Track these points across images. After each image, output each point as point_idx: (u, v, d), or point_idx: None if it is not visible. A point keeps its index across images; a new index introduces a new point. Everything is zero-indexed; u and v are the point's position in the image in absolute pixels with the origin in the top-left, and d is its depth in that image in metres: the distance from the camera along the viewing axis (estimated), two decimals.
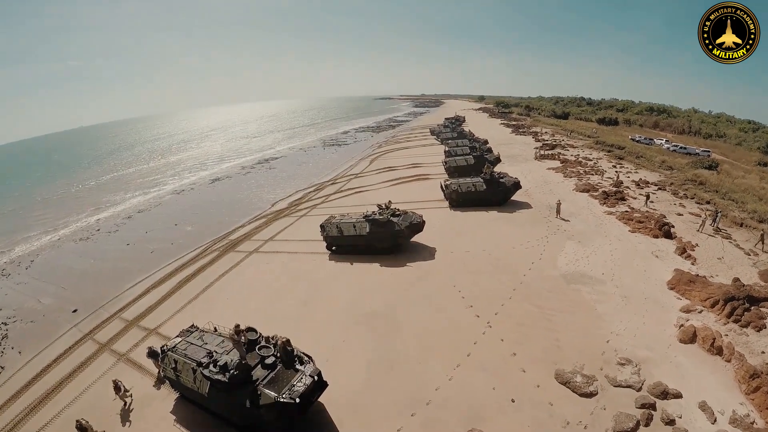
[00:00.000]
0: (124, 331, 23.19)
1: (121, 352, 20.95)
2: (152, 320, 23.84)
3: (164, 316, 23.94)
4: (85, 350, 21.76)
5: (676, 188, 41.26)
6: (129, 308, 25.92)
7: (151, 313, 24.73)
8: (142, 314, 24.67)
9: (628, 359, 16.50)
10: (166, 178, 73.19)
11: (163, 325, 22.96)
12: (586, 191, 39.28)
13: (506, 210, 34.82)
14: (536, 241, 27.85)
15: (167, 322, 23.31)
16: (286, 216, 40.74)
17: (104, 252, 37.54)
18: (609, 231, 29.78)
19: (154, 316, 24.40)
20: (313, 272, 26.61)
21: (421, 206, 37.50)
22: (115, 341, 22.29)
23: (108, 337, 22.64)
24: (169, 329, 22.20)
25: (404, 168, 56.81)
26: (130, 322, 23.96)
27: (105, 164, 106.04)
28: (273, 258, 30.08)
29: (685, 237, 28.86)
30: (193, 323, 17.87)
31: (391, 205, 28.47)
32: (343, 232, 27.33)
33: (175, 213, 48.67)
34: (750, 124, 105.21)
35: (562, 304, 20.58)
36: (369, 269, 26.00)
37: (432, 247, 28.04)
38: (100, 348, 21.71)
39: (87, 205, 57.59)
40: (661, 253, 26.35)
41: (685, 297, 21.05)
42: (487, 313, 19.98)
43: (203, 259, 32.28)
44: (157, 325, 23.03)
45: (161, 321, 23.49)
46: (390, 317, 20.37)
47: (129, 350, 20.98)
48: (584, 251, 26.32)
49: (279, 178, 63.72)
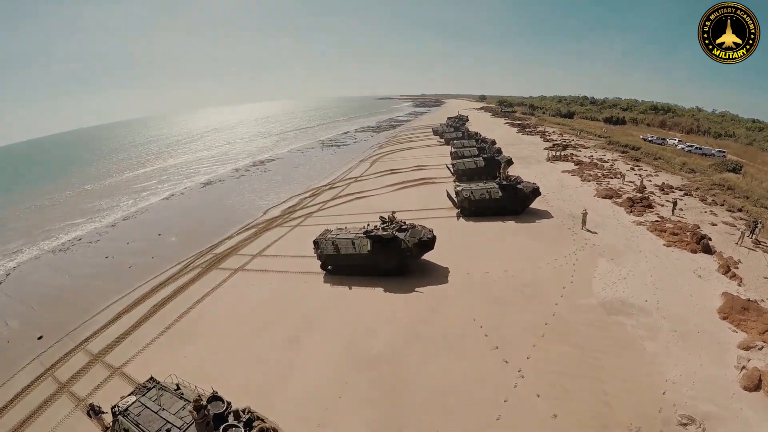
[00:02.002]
0: (88, 367, 19.99)
1: (80, 396, 17.83)
2: (119, 355, 20.48)
3: (132, 351, 20.55)
4: (45, 390, 18.79)
5: (703, 194, 37.79)
6: (96, 337, 22.67)
7: (118, 346, 21.38)
8: (109, 346, 21.38)
9: (691, 417, 13.32)
10: (156, 183, 69.51)
11: (130, 363, 19.60)
12: (609, 197, 35.70)
13: (525, 220, 31.08)
14: (564, 259, 24.18)
15: (135, 358, 19.93)
16: (278, 226, 37.02)
17: (81, 266, 34.42)
18: (642, 245, 26.27)
19: (121, 349, 20.99)
20: (304, 299, 22.81)
21: (428, 215, 33.97)
22: (75, 381, 19.11)
23: (69, 375, 19.53)
24: (135, 368, 18.91)
25: (407, 170, 53.20)
26: (95, 357, 20.71)
27: (97, 167, 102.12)
28: (260, 278, 26.36)
29: (724, 251, 25.59)
30: (152, 376, 14.33)
31: (396, 217, 24.84)
32: (341, 250, 23.42)
33: (161, 221, 45.33)
34: (756, 123, 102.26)
35: (605, 343, 17.00)
36: (371, 296, 22.17)
37: (444, 267, 24.21)
38: (58, 389, 18.59)
39: (72, 212, 53.96)
40: (703, 272, 22.99)
41: (740, 329, 17.99)
42: (518, 358, 16.31)
43: (183, 277, 28.78)
44: (123, 363, 19.65)
45: (128, 357, 20.10)
46: (397, 364, 16.59)
47: (89, 394, 17.81)
48: (620, 271, 22.73)
49: (273, 182, 60.08)
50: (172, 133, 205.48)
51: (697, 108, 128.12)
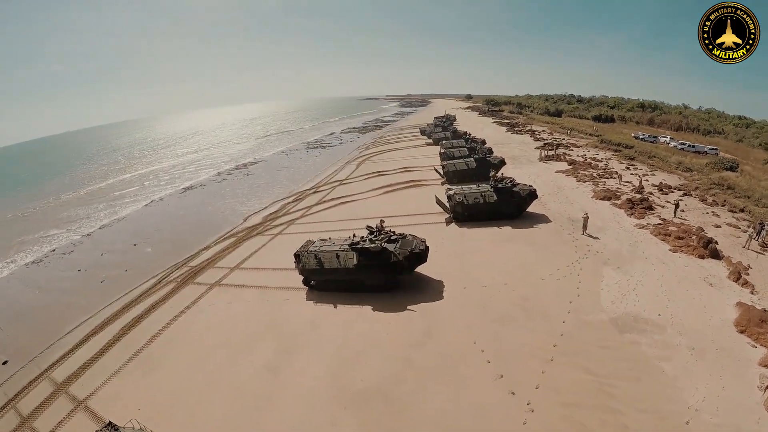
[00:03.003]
0: (51, 398, 17.59)
1: None
2: (84, 385, 18.08)
3: (98, 380, 18.12)
4: (7, 423, 16.58)
5: (702, 193, 36.50)
6: (62, 363, 20.21)
7: (84, 374, 18.92)
8: (74, 374, 18.92)
9: None
10: (136, 189, 65.97)
11: (96, 394, 17.24)
12: (607, 199, 34.12)
13: (522, 225, 29.12)
14: (567, 269, 22.31)
15: (101, 389, 17.54)
16: (258, 234, 34.58)
17: (52, 280, 31.81)
18: (648, 251, 24.65)
19: (87, 378, 18.55)
20: (285, 319, 20.45)
21: (418, 221, 31.93)
22: (37, 415, 16.74)
23: (31, 407, 17.16)
24: (101, 402, 16.68)
25: (395, 172, 51.08)
26: (59, 387, 18.27)
27: (75, 174, 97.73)
28: (237, 294, 24.00)
29: (733, 256, 24.17)
30: (110, 421, 12.13)
31: (385, 225, 22.74)
32: (324, 265, 21.03)
33: (138, 230, 42.54)
34: (742, 119, 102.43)
35: (620, 367, 15.19)
36: (358, 315, 19.89)
37: (438, 281, 22.06)
38: (20, 424, 16.30)
39: (48, 222, 50.29)
40: (713, 280, 21.53)
41: (760, 343, 16.51)
42: (525, 388, 14.32)
43: (156, 293, 26.28)
44: (88, 395, 17.24)
45: (94, 387, 17.68)
46: (390, 399, 14.38)
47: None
48: (628, 282, 20.99)
49: (256, 186, 57.47)
50: (156, 135, 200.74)
51: (683, 105, 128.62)
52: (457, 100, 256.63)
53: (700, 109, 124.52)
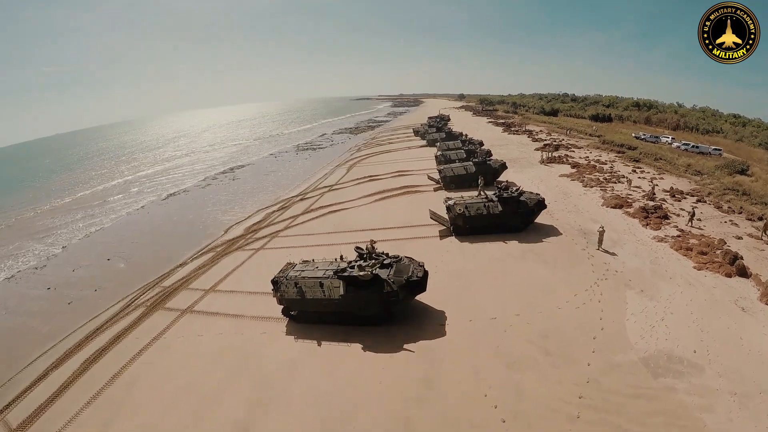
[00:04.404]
0: None
1: None
2: None
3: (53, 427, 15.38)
4: None
5: (716, 200, 34.08)
6: (18, 403, 17.41)
7: (38, 419, 16.14)
8: (28, 420, 16.12)
9: None
10: (117, 195, 62.50)
11: None
12: (619, 207, 31.52)
13: (530, 239, 26.22)
14: (586, 294, 19.52)
15: None
16: (239, 249, 31.48)
17: (20, 300, 29.07)
18: (671, 269, 22.04)
19: (39, 426, 15.79)
20: (262, 359, 17.38)
21: (413, 233, 29.17)
22: None
23: None
24: None
25: (388, 177, 48.21)
26: None
27: (59, 180, 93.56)
28: (210, 325, 20.92)
29: (761, 273, 21.62)
30: None
31: (376, 246, 19.85)
32: (306, 294, 17.95)
33: (113, 243, 39.42)
34: (737, 118, 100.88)
35: (657, 422, 12.56)
36: (346, 356, 16.81)
37: (439, 311, 19.05)
38: None
39: (24, 234, 46.75)
40: (745, 303, 19.03)
41: None
42: None
43: (123, 319, 23.33)
44: None
45: None
46: None
47: None
48: (655, 309, 18.31)
49: (241, 191, 54.33)
50: (146, 138, 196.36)
51: (677, 103, 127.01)
52: (450, 100, 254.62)
53: (695, 107, 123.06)
